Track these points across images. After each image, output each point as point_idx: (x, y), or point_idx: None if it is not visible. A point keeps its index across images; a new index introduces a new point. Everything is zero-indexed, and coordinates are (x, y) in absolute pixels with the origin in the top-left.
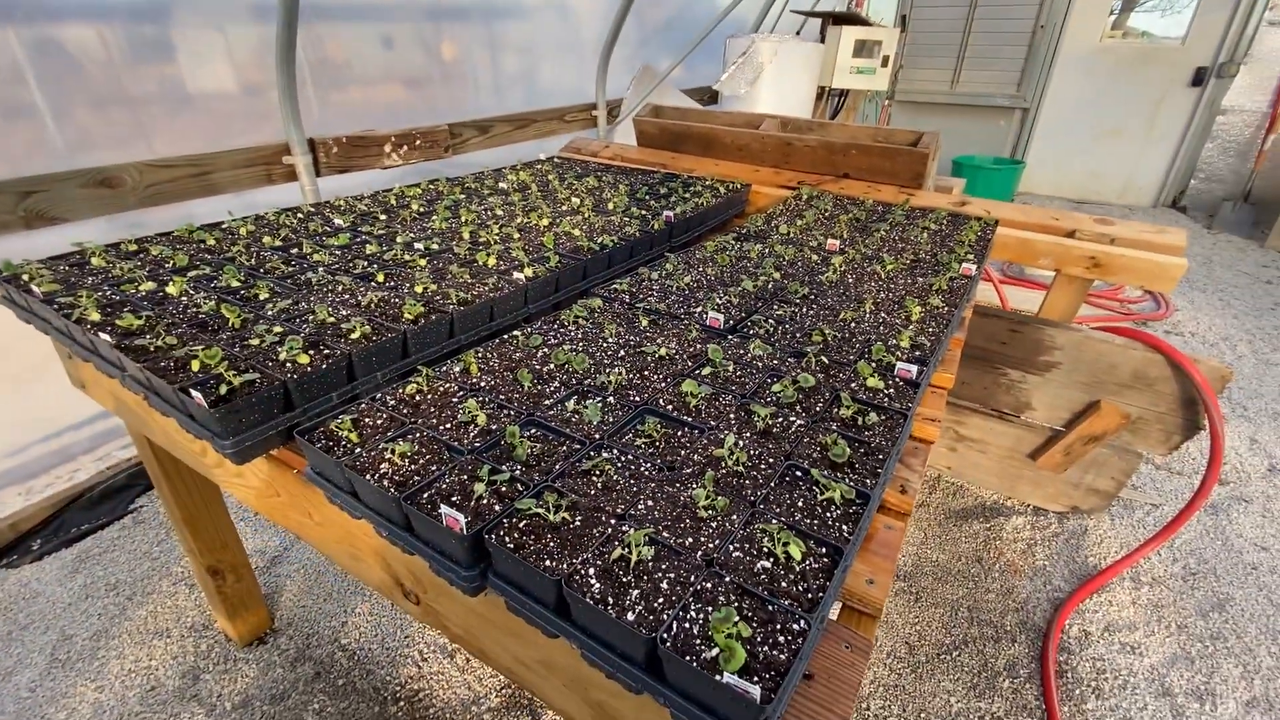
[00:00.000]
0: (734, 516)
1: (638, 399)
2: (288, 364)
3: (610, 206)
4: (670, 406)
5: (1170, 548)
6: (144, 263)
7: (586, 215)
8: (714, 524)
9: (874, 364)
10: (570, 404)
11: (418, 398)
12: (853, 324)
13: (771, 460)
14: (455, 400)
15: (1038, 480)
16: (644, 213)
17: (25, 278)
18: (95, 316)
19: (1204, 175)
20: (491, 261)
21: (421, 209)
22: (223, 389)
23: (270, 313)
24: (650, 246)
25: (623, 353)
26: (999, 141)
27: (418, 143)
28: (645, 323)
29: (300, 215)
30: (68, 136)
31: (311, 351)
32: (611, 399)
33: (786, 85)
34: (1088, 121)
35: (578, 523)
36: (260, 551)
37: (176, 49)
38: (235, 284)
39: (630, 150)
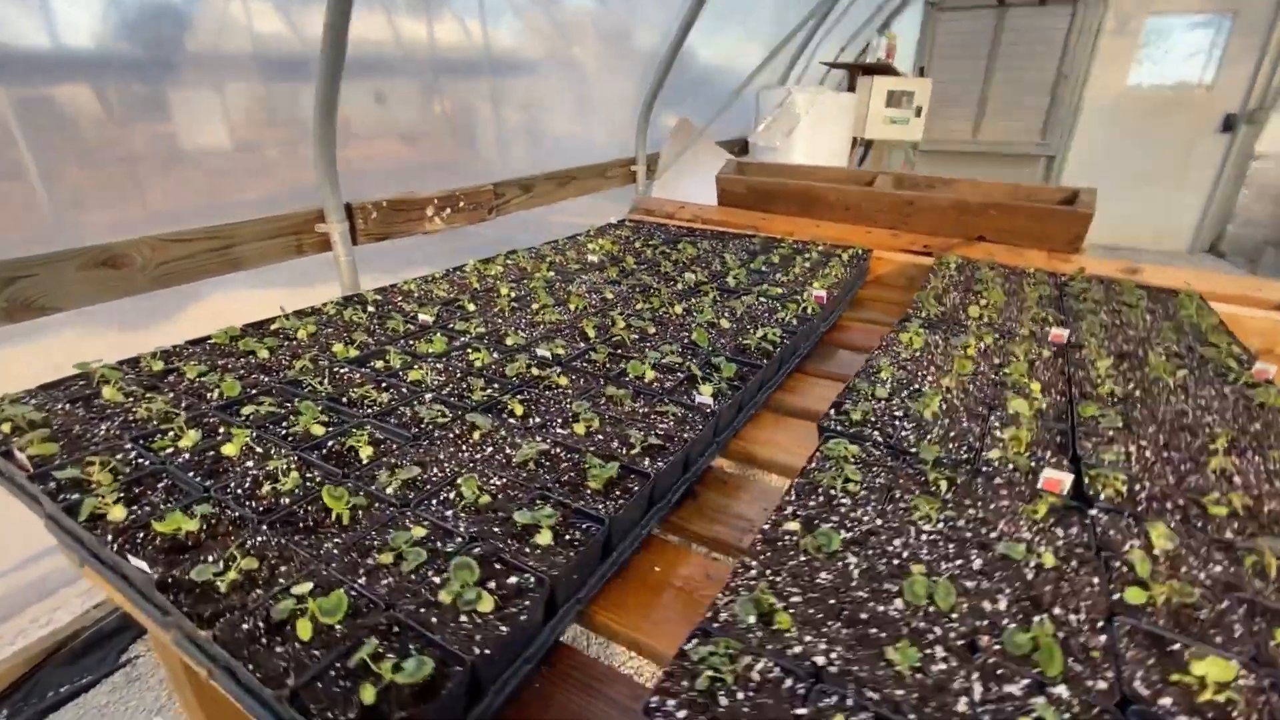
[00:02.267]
0: None
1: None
2: (462, 613)
3: (731, 282)
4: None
5: None
6: (177, 392)
7: (712, 295)
8: None
9: None
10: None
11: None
12: (1230, 474)
13: None
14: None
15: None
16: (777, 289)
17: (3, 428)
18: (118, 515)
19: (1241, 220)
20: (648, 373)
21: (512, 292)
22: (367, 694)
23: (391, 488)
24: (809, 335)
25: (951, 548)
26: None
27: (461, 204)
28: (944, 486)
29: (368, 308)
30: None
31: (491, 584)
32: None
33: (821, 136)
34: (1117, 167)
35: None
36: None
37: (170, 105)
38: (319, 429)
39: (711, 210)
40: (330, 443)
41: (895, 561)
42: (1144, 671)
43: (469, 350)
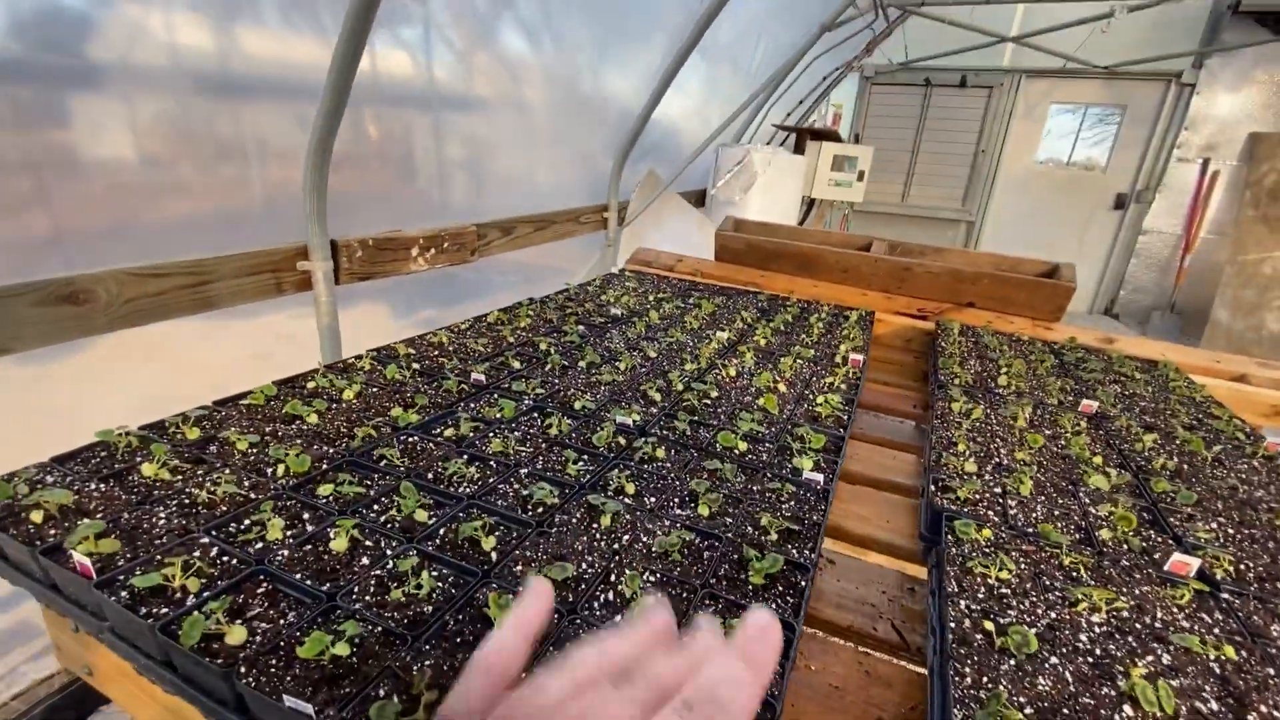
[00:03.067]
0: None
1: None
2: None
3: (762, 342)
4: None
5: None
6: (232, 467)
7: (750, 355)
8: None
9: None
10: None
11: None
12: None
13: None
14: None
15: None
16: (809, 351)
17: (33, 517)
18: (238, 637)
19: (1131, 287)
20: (739, 445)
21: (552, 349)
22: None
23: None
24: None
25: (1132, 641)
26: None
27: (445, 245)
28: (1083, 572)
29: (411, 364)
30: None
31: None
32: None
33: (775, 193)
34: (1027, 235)
35: None
36: None
37: (72, 114)
38: (423, 515)
39: (709, 265)
40: (442, 531)
41: (1092, 660)
42: None
43: (539, 415)
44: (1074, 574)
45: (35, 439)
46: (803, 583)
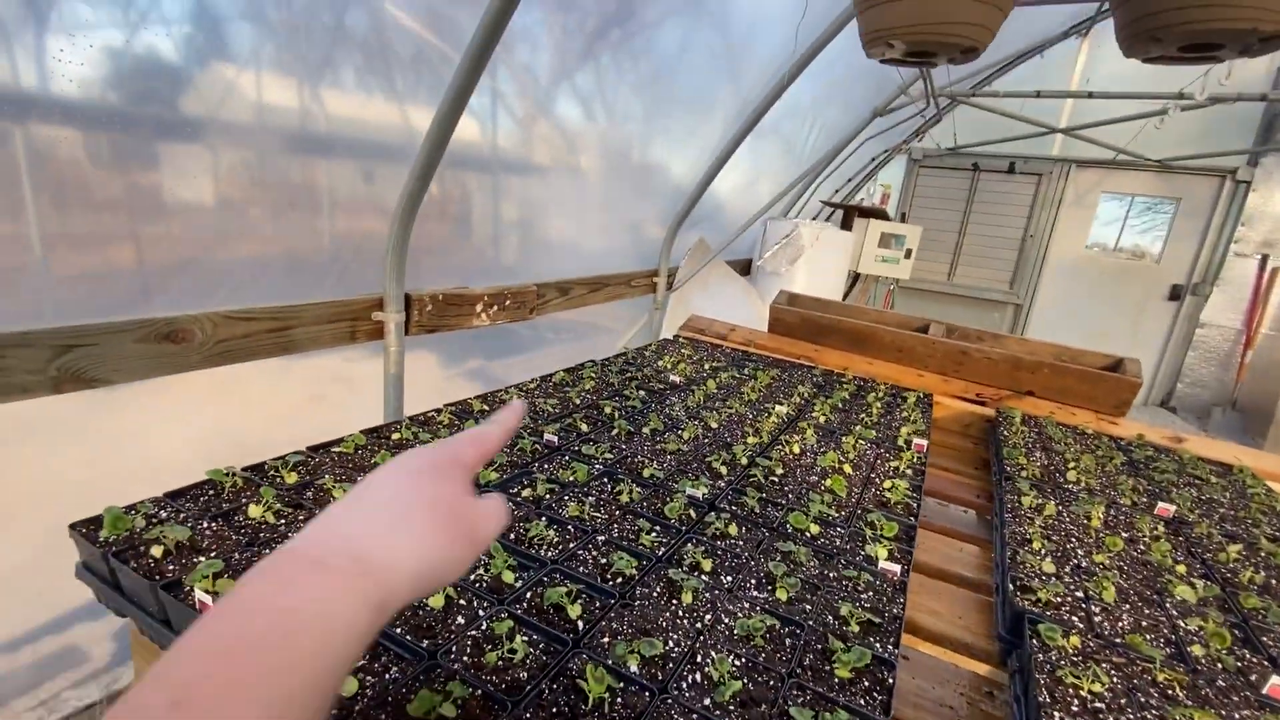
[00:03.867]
0: None
1: None
2: None
3: (821, 419)
4: None
5: None
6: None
7: (811, 433)
8: None
9: None
10: None
11: None
12: None
13: None
14: None
15: None
16: (870, 432)
17: (153, 552)
18: (349, 688)
19: (1189, 380)
20: (811, 527)
21: (616, 413)
22: None
23: (633, 665)
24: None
25: None
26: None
27: (508, 303)
28: (1178, 690)
29: (486, 416)
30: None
31: None
32: None
33: (821, 266)
34: (1079, 321)
35: None
36: None
37: (160, 159)
38: (510, 576)
39: (762, 336)
40: (529, 595)
41: None
42: None
43: (609, 481)
44: (1169, 692)
45: (108, 462)
46: (890, 679)
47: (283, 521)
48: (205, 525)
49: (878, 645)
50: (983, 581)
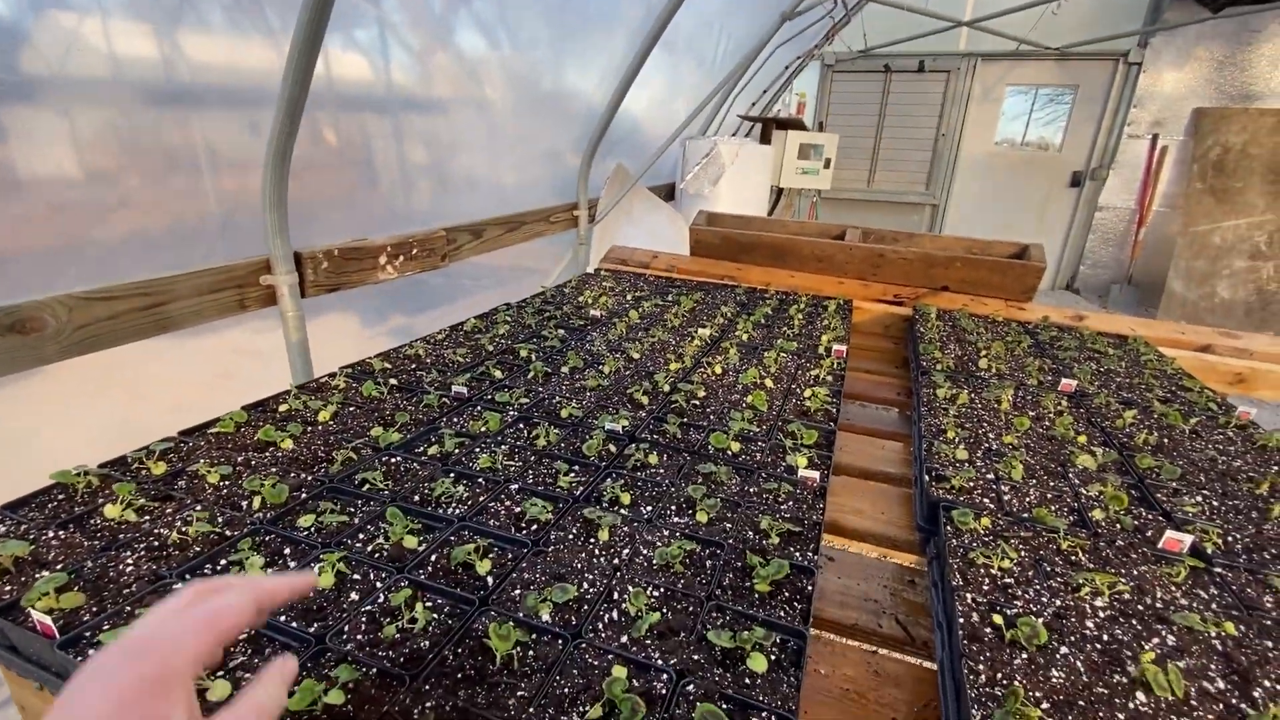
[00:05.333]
0: None
1: None
2: None
3: (744, 336)
4: None
5: None
6: (203, 503)
7: (734, 351)
8: None
9: None
10: None
11: None
12: None
13: None
14: None
15: None
16: (791, 344)
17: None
18: (221, 692)
19: (1091, 262)
20: (732, 445)
21: (533, 355)
22: None
23: (545, 614)
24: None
25: (1137, 624)
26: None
27: (414, 251)
28: (1081, 555)
29: (387, 380)
30: None
31: None
32: None
33: (744, 184)
34: (990, 216)
35: None
36: None
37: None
38: (412, 541)
39: (685, 260)
40: (434, 557)
41: (1100, 647)
42: None
43: (526, 426)
44: (1073, 558)
45: None
46: (809, 587)
47: (146, 518)
48: (51, 535)
49: (797, 554)
50: (905, 476)
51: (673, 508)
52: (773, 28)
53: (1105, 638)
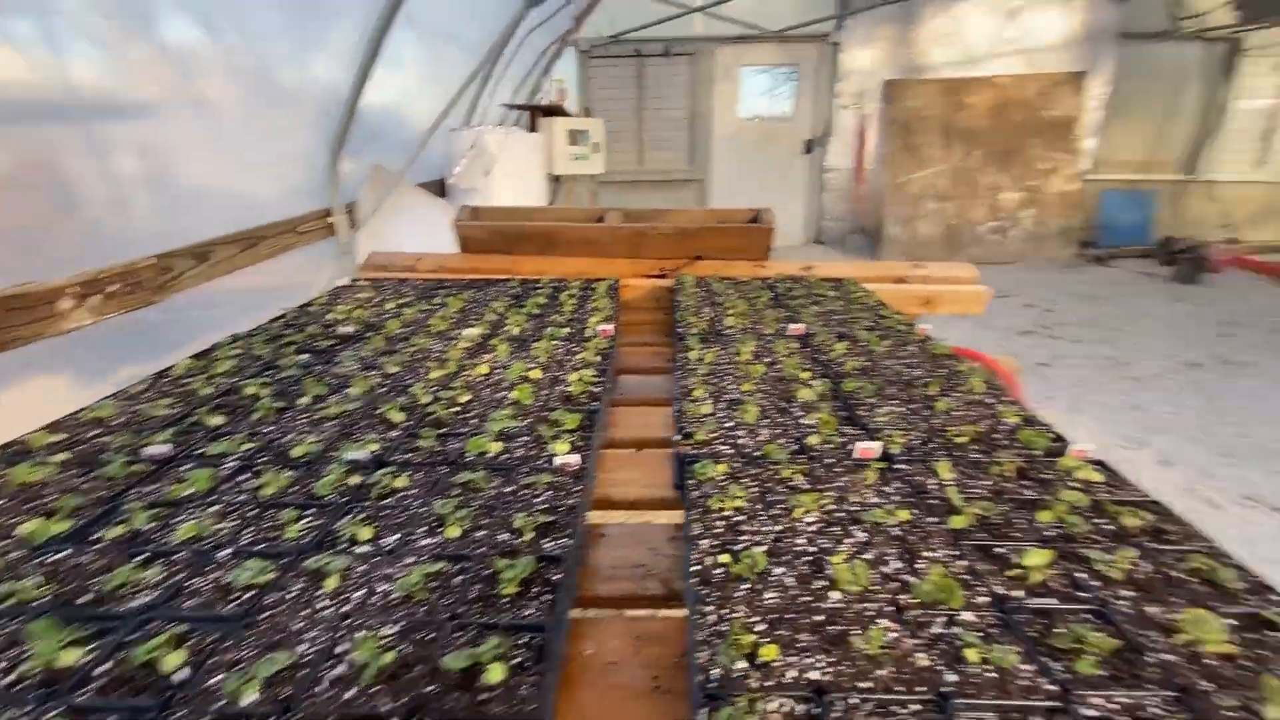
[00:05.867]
0: None
1: None
2: None
3: (516, 330)
4: None
5: None
6: None
7: (505, 347)
8: None
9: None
10: None
11: None
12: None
13: None
14: None
15: None
16: (563, 330)
17: None
18: None
19: (829, 217)
20: (492, 446)
21: (262, 390)
22: None
23: (251, 698)
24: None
25: (838, 530)
26: (687, 206)
27: (113, 288)
28: (801, 479)
29: (52, 456)
30: None
31: None
32: None
33: (517, 174)
34: (746, 184)
35: None
36: None
37: None
38: (73, 657)
39: (454, 258)
40: (108, 666)
41: (809, 559)
42: (996, 577)
43: (248, 476)
44: (793, 483)
45: None
46: (556, 576)
47: None
48: None
49: (549, 544)
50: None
51: (422, 530)
52: (519, 13)
53: (813, 549)
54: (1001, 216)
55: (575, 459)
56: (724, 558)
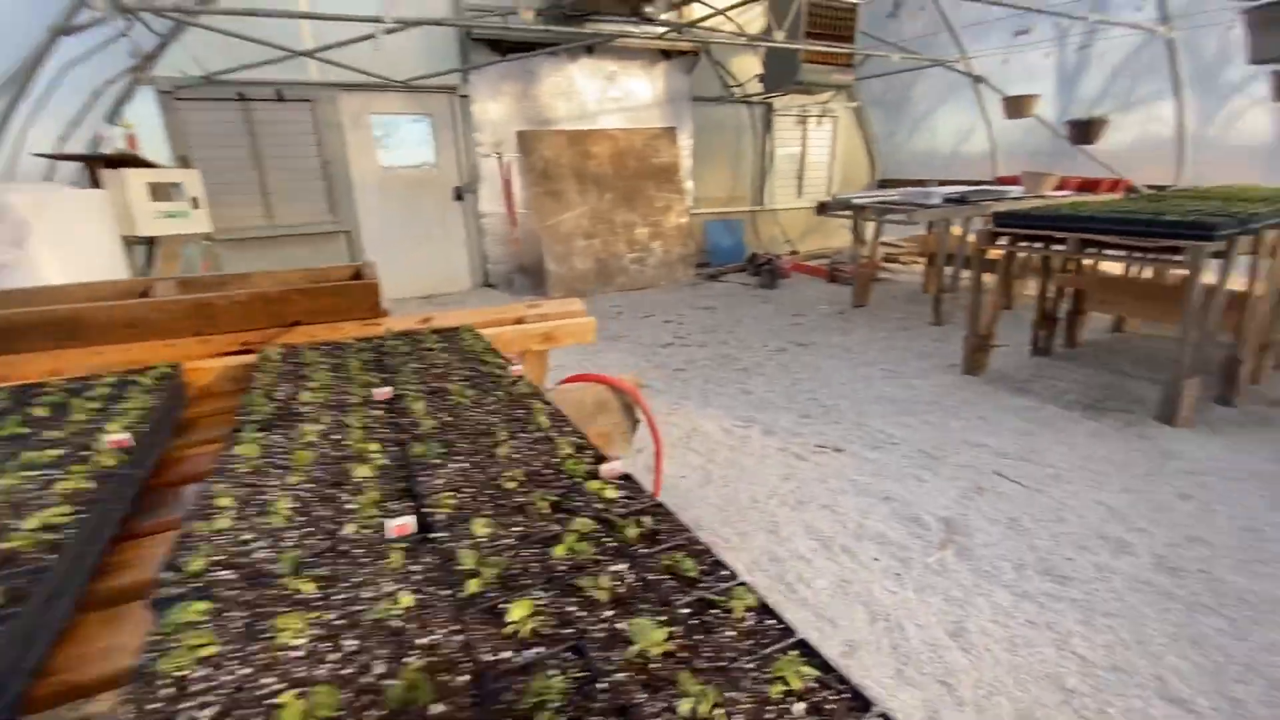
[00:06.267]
0: None
1: None
2: None
3: None
4: None
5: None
6: None
7: None
8: None
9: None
10: None
11: None
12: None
13: None
14: None
15: None
16: (55, 452)
17: None
18: None
19: (492, 260)
20: None
21: None
22: None
23: None
24: (121, 494)
25: (327, 646)
26: (338, 262)
27: None
28: (311, 588)
29: None
30: None
31: None
32: None
33: (76, 241)
34: (399, 233)
35: None
36: None
37: None
38: None
39: None
40: None
41: (268, 704)
42: (490, 642)
43: None
44: (300, 597)
45: None
46: None
47: None
48: None
49: None
50: None
51: None
52: (42, 45)
53: (280, 686)
54: (638, 248)
55: None
56: None
